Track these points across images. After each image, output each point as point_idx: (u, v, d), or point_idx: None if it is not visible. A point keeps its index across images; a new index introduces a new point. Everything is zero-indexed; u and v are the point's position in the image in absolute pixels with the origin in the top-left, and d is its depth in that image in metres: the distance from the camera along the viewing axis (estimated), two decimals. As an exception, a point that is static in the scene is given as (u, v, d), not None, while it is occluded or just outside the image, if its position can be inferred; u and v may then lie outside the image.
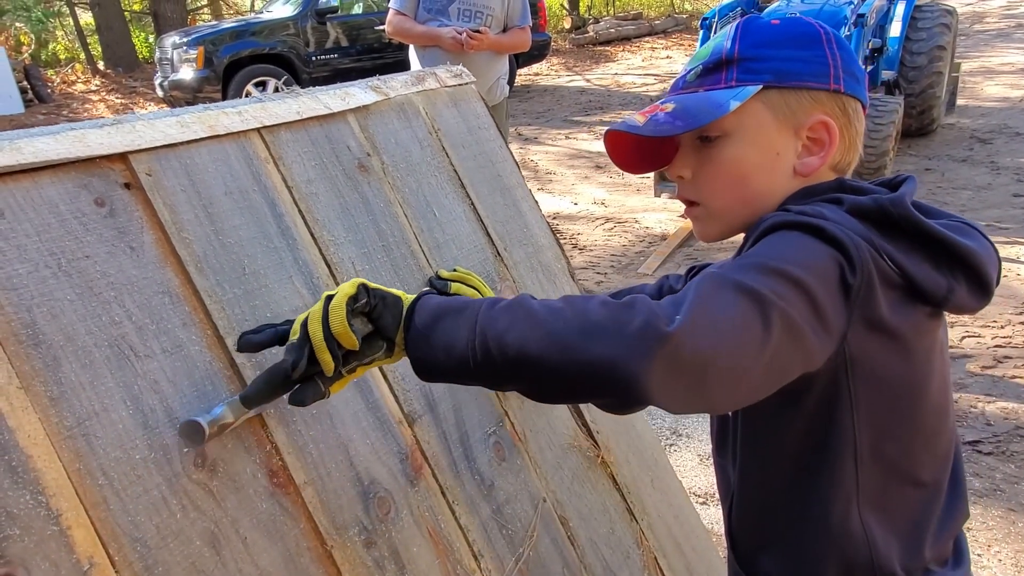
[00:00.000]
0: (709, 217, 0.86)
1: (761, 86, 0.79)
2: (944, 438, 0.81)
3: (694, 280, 0.66)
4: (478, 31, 3.23)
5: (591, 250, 4.49)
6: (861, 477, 0.76)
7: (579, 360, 0.62)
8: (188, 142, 0.90)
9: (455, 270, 1.14)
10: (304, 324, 0.73)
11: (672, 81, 0.90)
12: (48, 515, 0.65)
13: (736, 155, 0.81)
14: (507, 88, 3.62)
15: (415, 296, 0.75)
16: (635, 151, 0.89)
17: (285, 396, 0.75)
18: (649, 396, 0.60)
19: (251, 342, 0.76)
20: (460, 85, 1.37)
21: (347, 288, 0.73)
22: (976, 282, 0.75)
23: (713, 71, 0.82)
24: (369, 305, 0.74)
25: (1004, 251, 3.97)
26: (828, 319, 0.67)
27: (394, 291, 0.76)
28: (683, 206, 0.90)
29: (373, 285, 0.75)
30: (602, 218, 5.02)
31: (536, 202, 1.41)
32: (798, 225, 0.71)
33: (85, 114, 9.18)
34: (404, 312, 0.73)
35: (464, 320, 0.69)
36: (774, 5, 5.78)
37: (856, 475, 0.76)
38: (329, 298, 0.73)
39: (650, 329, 0.59)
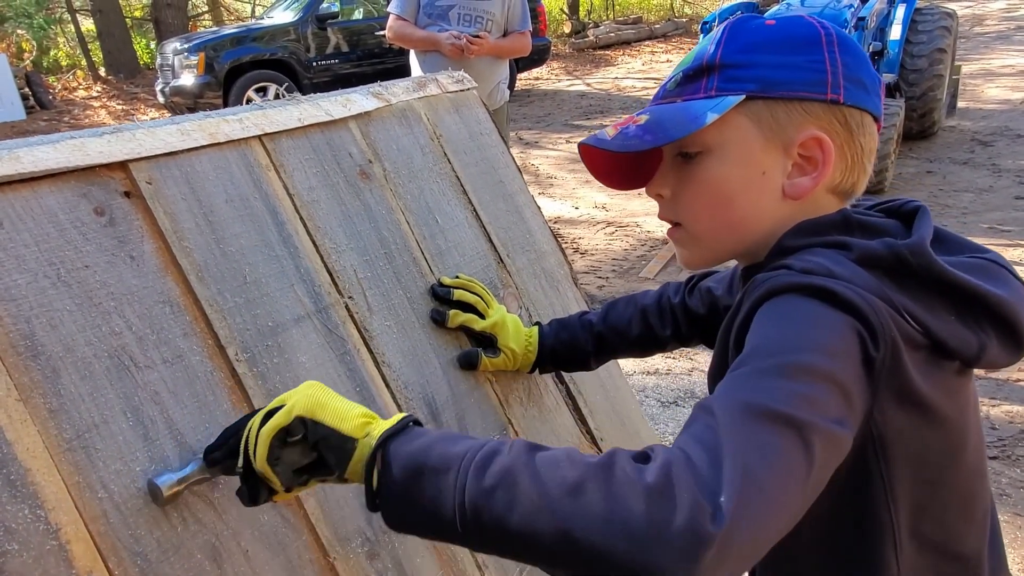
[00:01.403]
0: (691, 241, 0.78)
1: (743, 96, 0.70)
2: (982, 501, 0.74)
3: (716, 407, 0.56)
4: (478, 36, 3.23)
5: (592, 254, 4.48)
6: (901, 561, 0.68)
7: (611, 565, 0.51)
8: (189, 150, 0.89)
9: (458, 277, 1.13)
10: (245, 447, 0.67)
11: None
12: (47, 529, 0.64)
13: (718, 173, 0.72)
14: (507, 92, 3.62)
15: (379, 434, 0.63)
16: (616, 165, 0.82)
17: None
18: None
19: (216, 460, 0.71)
20: (462, 91, 1.36)
21: (280, 419, 0.65)
22: (1009, 334, 0.67)
23: (693, 79, 0.73)
24: (307, 441, 0.65)
25: (1007, 253, 3.96)
26: (855, 403, 0.59)
27: (346, 422, 0.65)
28: None
29: (320, 415, 0.65)
30: (603, 222, 5.02)
31: (538, 208, 1.40)
32: (804, 289, 0.62)
33: (86, 120, 9.20)
34: (367, 457, 0.62)
35: (447, 484, 0.57)
36: (774, 8, 5.78)
37: (896, 560, 0.68)
38: (269, 415, 0.66)
39: (696, 532, 0.49)
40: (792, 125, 0.70)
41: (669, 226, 0.80)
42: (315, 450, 0.66)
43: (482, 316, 1.09)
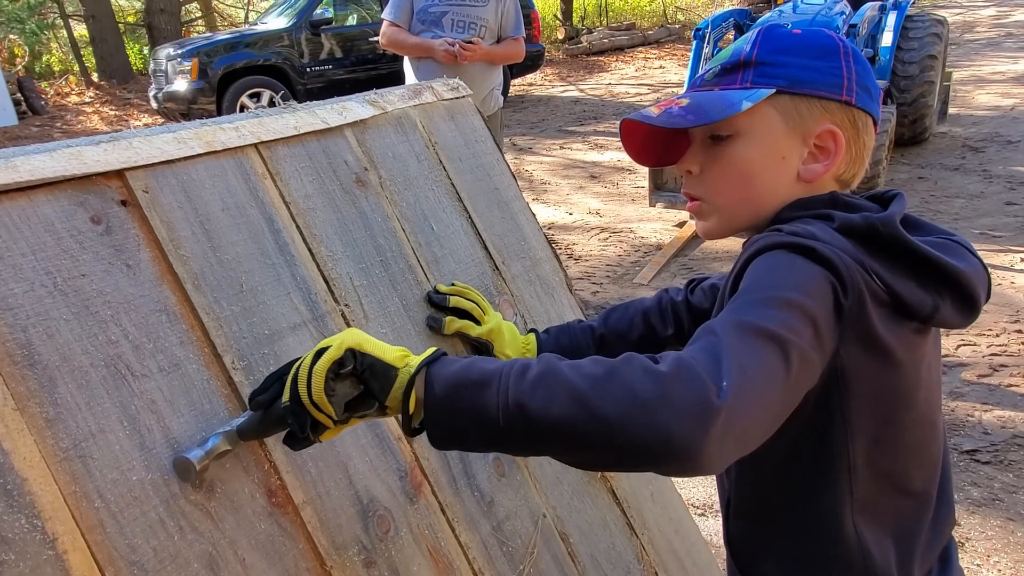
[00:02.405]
0: (711, 213, 0.87)
1: (774, 90, 0.81)
2: (933, 449, 0.84)
3: (715, 327, 0.67)
4: (471, 42, 3.23)
5: (587, 260, 4.48)
6: (855, 487, 0.78)
7: (633, 439, 0.60)
8: (185, 158, 0.89)
9: (453, 284, 1.13)
10: (294, 384, 0.72)
11: (668, 91, 0.91)
12: (44, 539, 0.64)
13: (744, 155, 0.83)
14: (501, 99, 3.63)
15: (418, 362, 0.72)
16: (648, 144, 0.92)
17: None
18: (704, 465, 0.60)
19: (262, 402, 0.75)
20: (457, 98, 1.36)
21: (333, 352, 0.71)
22: (962, 299, 0.77)
23: (730, 72, 0.84)
24: (356, 371, 0.72)
25: (998, 259, 3.98)
26: (825, 339, 0.69)
27: (388, 353, 0.73)
28: (678, 216, 0.91)
29: (366, 347, 0.73)
30: (597, 228, 5.03)
31: (533, 215, 1.40)
32: (790, 246, 0.73)
33: (79, 126, 9.17)
34: (406, 382, 0.70)
35: (491, 394, 0.66)
36: (766, 15, 5.82)
37: (850, 485, 0.78)
38: (319, 354, 0.71)
39: (703, 404, 0.60)
40: (812, 118, 0.81)
41: (664, 233, 0.85)
42: (362, 382, 0.72)
43: (478, 323, 1.09)
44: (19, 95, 9.45)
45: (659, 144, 0.92)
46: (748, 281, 0.73)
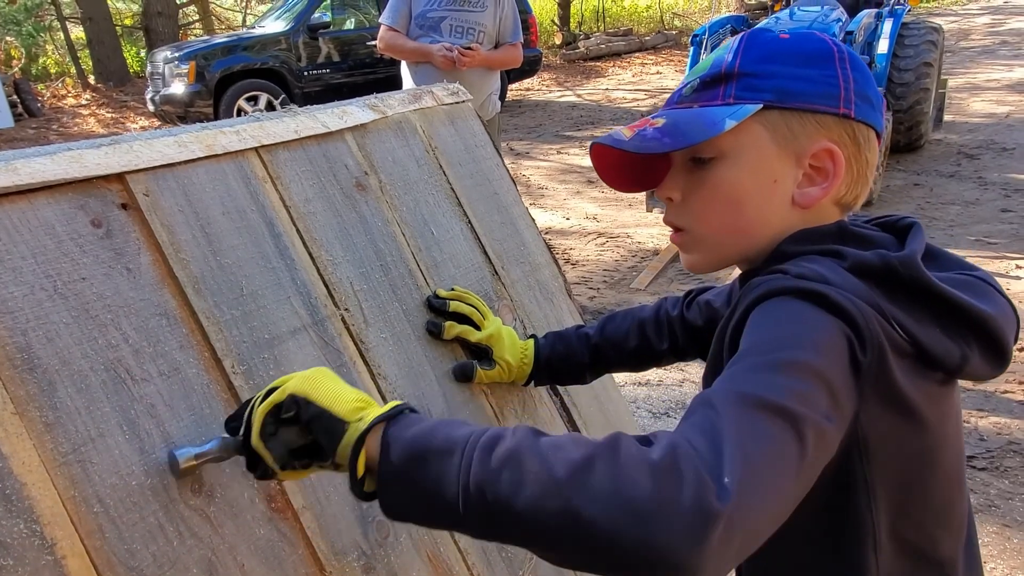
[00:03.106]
0: (696, 245, 0.79)
1: (761, 105, 0.71)
2: (959, 509, 0.76)
3: (715, 399, 0.58)
4: (469, 48, 3.24)
5: (583, 265, 4.49)
6: (880, 563, 0.70)
7: (617, 546, 0.51)
8: (186, 162, 0.89)
9: (453, 289, 1.13)
10: (247, 421, 0.70)
11: (666, 96, 0.87)
12: (42, 544, 0.64)
13: (730, 179, 0.74)
14: (499, 104, 3.64)
15: (372, 418, 0.64)
16: (624, 168, 0.83)
17: None
18: (703, 572, 0.51)
19: (230, 429, 0.74)
20: (457, 103, 1.37)
21: (275, 396, 0.67)
22: (991, 348, 0.69)
23: (711, 85, 0.75)
24: (299, 420, 0.67)
25: (993, 266, 4.00)
26: (843, 405, 0.61)
27: (340, 403, 0.66)
28: None
29: (314, 395, 0.66)
30: (594, 233, 5.03)
31: (532, 220, 1.40)
32: (797, 292, 0.65)
33: (75, 128, 9.15)
34: (354, 440, 0.63)
35: (451, 469, 0.58)
36: (763, 22, 5.84)
37: (876, 561, 0.70)
38: (267, 394, 0.68)
39: (701, 510, 0.50)
40: (805, 135, 0.72)
41: (661, 238, 0.82)
42: (310, 432, 0.67)
43: (478, 328, 1.09)
44: (15, 97, 9.42)
45: (636, 167, 0.83)
46: (751, 339, 0.64)
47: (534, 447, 0.57)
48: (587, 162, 6.80)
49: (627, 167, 0.83)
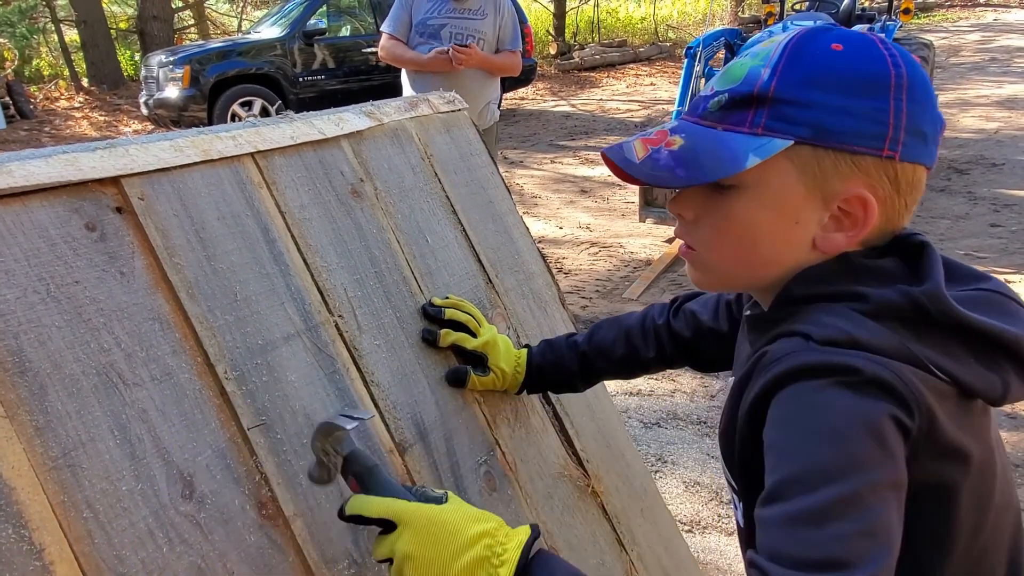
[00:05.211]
0: (704, 267, 0.74)
1: (792, 142, 0.64)
2: (1014, 533, 0.72)
3: (768, 569, 0.55)
4: (465, 46, 3.24)
5: (576, 274, 4.49)
6: None
7: None
8: (181, 166, 0.89)
9: (447, 298, 1.13)
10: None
11: (659, 108, 0.79)
12: (31, 549, 0.63)
13: (748, 214, 0.67)
14: (497, 112, 3.65)
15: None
16: None
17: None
18: None
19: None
20: (453, 111, 1.37)
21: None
22: None
23: (740, 106, 0.66)
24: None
25: (983, 280, 4.03)
26: (900, 489, 0.58)
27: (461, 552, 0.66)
28: (667, 232, 0.82)
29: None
30: (587, 242, 5.04)
31: (527, 228, 1.41)
32: (825, 371, 0.59)
33: (68, 131, 9.11)
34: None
35: None
36: (757, 35, 5.88)
37: None
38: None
39: None
40: (838, 177, 0.64)
41: (653, 248, 0.79)
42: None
43: (474, 335, 1.09)
44: (7, 99, 9.38)
45: None
46: (783, 457, 0.59)
47: None
48: (581, 172, 6.82)
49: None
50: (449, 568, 0.66)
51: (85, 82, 11.10)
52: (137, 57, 11.96)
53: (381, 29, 3.49)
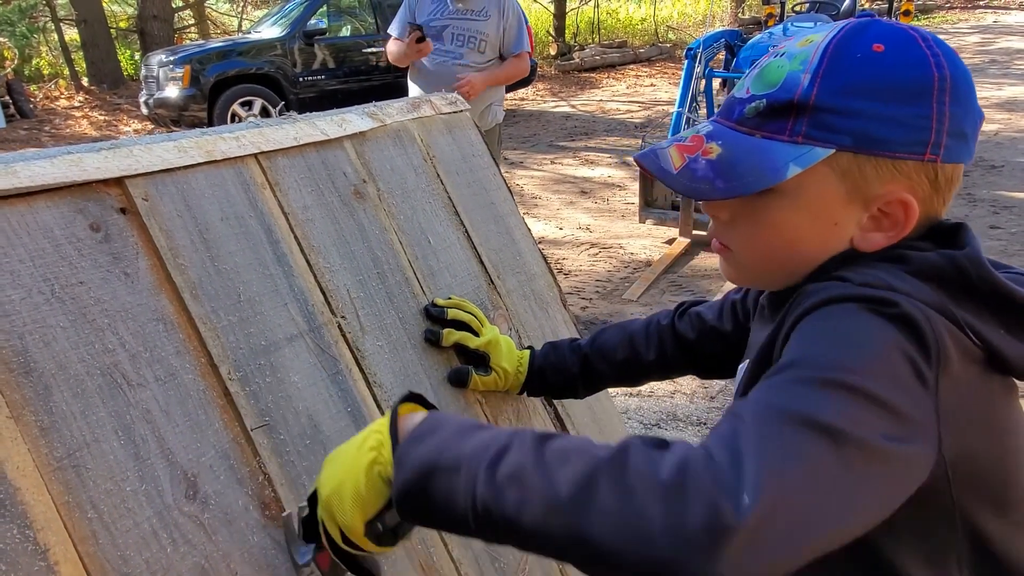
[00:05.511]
0: (739, 267, 0.74)
1: (833, 150, 0.63)
2: None
3: (744, 411, 0.54)
4: (420, 34, 3.21)
5: (576, 275, 4.50)
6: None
7: (625, 566, 0.50)
8: (185, 167, 0.89)
9: (450, 299, 1.13)
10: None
11: (659, 109, 0.76)
12: (36, 550, 0.63)
13: (786, 218, 0.67)
14: (501, 114, 3.66)
15: (388, 458, 0.65)
16: None
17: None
18: None
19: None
20: (455, 112, 1.37)
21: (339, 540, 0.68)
22: None
23: (779, 114, 0.65)
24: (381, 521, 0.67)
25: (982, 282, 4.03)
26: (914, 421, 0.55)
27: (366, 489, 0.66)
28: (667, 233, 0.81)
29: (339, 514, 0.67)
30: (587, 243, 5.04)
31: (528, 229, 1.41)
32: (862, 299, 0.59)
33: (68, 130, 9.11)
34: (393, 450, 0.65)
35: (459, 483, 0.58)
36: (757, 36, 5.89)
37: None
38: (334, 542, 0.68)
39: (716, 525, 0.47)
40: (879, 182, 0.64)
41: (654, 249, 0.78)
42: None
43: (476, 335, 1.09)
44: (7, 98, 9.38)
45: None
46: (800, 349, 0.59)
47: (539, 462, 0.55)
48: (581, 172, 6.82)
49: None
50: (351, 465, 0.67)
51: (85, 81, 11.10)
52: (137, 57, 11.96)
53: (388, 31, 3.52)
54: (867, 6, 11.41)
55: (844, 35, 0.65)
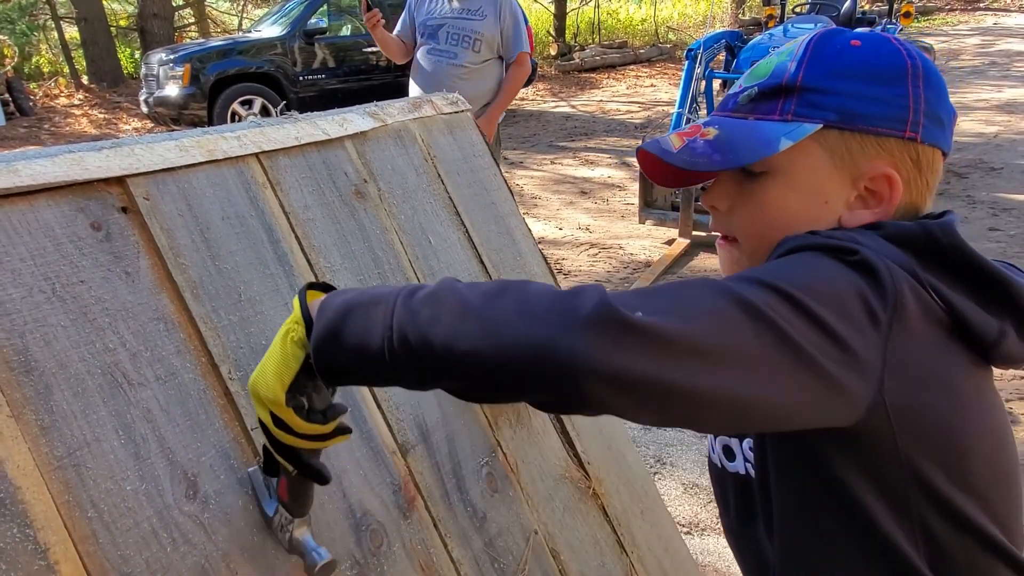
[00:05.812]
0: (743, 256, 0.77)
1: (821, 125, 0.68)
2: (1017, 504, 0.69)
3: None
4: (367, 3, 3.20)
5: (576, 276, 4.50)
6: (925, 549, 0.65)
7: (516, 349, 0.53)
8: (186, 166, 0.89)
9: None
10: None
11: (659, 109, 0.80)
12: (36, 549, 0.63)
13: (780, 197, 0.71)
14: (502, 114, 3.66)
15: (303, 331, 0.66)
16: (671, 166, 0.77)
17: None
18: (594, 388, 0.50)
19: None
20: (456, 112, 1.37)
21: (261, 415, 0.68)
22: None
23: (769, 97, 0.71)
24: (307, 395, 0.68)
25: (981, 284, 4.03)
26: (852, 350, 0.57)
27: (275, 353, 0.67)
28: (667, 233, 0.83)
29: (263, 388, 0.67)
30: (587, 243, 5.04)
31: (529, 230, 1.41)
32: (822, 247, 0.63)
33: (67, 128, 9.11)
34: (303, 311, 0.66)
35: (378, 315, 0.60)
36: (757, 37, 5.89)
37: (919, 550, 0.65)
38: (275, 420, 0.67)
39: (604, 311, 0.51)
40: (864, 158, 0.69)
41: (653, 250, 0.80)
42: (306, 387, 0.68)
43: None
44: (7, 96, 9.37)
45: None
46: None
47: (454, 287, 0.60)
48: (580, 173, 6.82)
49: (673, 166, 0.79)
50: (271, 349, 0.68)
51: (85, 79, 11.09)
52: (137, 55, 11.95)
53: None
54: (867, 8, 11.41)
55: (825, 33, 0.72)
